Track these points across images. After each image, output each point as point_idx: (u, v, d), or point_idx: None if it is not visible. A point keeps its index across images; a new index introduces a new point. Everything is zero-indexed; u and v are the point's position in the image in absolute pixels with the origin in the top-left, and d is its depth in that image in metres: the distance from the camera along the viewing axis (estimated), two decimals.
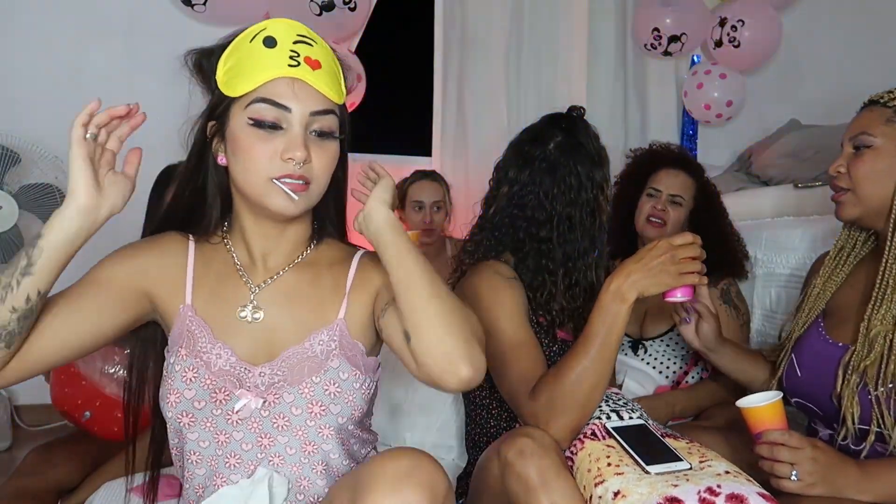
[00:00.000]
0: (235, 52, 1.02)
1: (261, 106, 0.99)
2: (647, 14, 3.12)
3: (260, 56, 0.99)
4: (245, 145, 1.00)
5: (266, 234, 1.09)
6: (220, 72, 1.03)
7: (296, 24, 1.03)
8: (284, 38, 1.00)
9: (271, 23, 1.02)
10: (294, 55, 1.00)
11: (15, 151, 2.49)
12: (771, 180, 2.80)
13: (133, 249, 1.11)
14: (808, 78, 3.46)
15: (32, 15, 2.73)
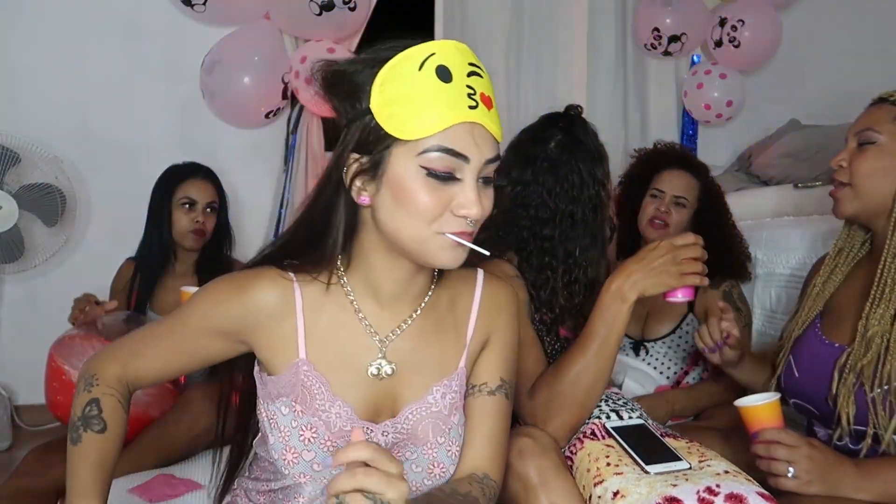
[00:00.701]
0: (398, 78, 0.87)
1: (438, 156, 0.86)
2: (647, 14, 3.12)
3: (435, 93, 0.86)
4: (413, 196, 0.87)
5: (399, 277, 0.97)
6: (377, 99, 0.88)
7: (463, 47, 0.90)
8: (459, 70, 0.88)
9: (439, 47, 0.88)
10: (471, 93, 0.87)
11: (15, 151, 2.49)
12: (771, 180, 2.81)
13: (233, 294, 0.98)
14: (808, 78, 3.46)
15: (32, 15, 2.73)
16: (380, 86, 0.87)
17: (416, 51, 0.87)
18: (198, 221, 2.18)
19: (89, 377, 1.04)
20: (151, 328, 1.05)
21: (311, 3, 2.57)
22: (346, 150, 0.91)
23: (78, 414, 1.03)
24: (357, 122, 0.90)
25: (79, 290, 2.53)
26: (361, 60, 0.90)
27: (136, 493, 1.62)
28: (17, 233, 2.51)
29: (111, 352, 1.05)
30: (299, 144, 2.88)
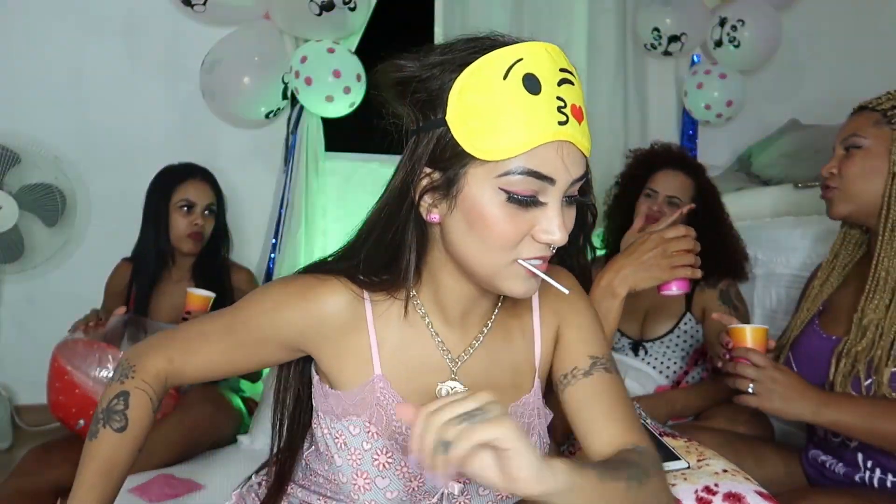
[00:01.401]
0: (479, 87, 0.77)
1: (521, 178, 0.77)
2: (647, 14, 3.12)
3: (521, 107, 0.76)
4: (491, 220, 0.78)
5: (468, 296, 0.90)
6: (455, 110, 0.78)
7: (554, 49, 0.81)
8: (549, 78, 0.77)
9: (528, 51, 0.78)
10: (562, 105, 0.77)
11: (15, 151, 2.49)
12: (771, 180, 2.80)
13: (296, 300, 0.90)
14: (808, 78, 3.45)
15: (32, 15, 2.74)
16: (458, 94, 0.78)
17: (501, 55, 0.77)
18: (196, 224, 2.16)
19: (127, 367, 0.99)
20: (203, 325, 0.98)
21: (311, 3, 2.57)
22: (418, 163, 0.82)
23: (103, 405, 0.97)
24: (430, 133, 0.81)
25: (79, 290, 2.54)
26: (437, 63, 0.80)
27: (136, 493, 1.62)
28: (17, 233, 2.51)
29: (157, 344, 1.00)
30: (299, 144, 2.88)
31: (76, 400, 1.84)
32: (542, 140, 0.76)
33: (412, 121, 0.84)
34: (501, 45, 0.78)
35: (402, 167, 0.86)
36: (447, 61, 0.80)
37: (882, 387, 1.23)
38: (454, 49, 0.81)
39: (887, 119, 1.34)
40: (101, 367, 1.85)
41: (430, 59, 0.81)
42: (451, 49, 0.81)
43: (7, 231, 2.49)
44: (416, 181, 0.83)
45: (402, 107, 0.84)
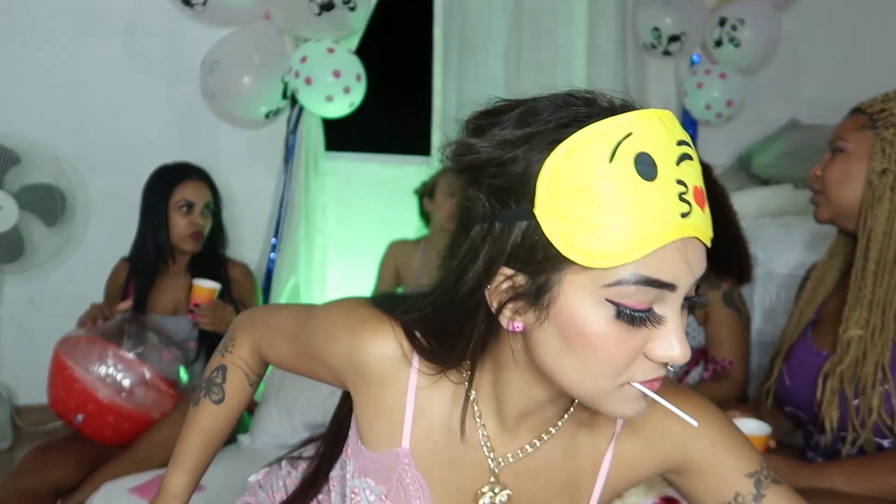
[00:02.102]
0: (578, 172, 0.60)
1: (636, 289, 0.61)
2: (647, 14, 3.12)
3: (634, 197, 0.59)
4: (596, 341, 0.63)
5: (537, 399, 0.75)
6: (546, 201, 0.61)
7: (668, 116, 0.63)
8: (666, 156, 0.61)
9: (638, 122, 0.61)
10: (683, 191, 0.61)
11: (15, 151, 2.49)
12: (771, 180, 2.80)
13: (345, 328, 0.82)
14: (807, 78, 3.45)
15: (32, 15, 2.73)
16: (549, 181, 0.61)
17: (605, 129, 0.60)
18: (196, 224, 2.17)
19: (229, 339, 1.00)
20: (284, 318, 0.95)
21: (311, 3, 2.57)
22: (494, 261, 0.65)
23: (206, 375, 1.00)
24: (511, 226, 0.64)
25: (79, 290, 2.54)
26: (519, 140, 0.63)
27: (136, 493, 1.62)
28: (17, 233, 2.51)
29: (253, 321, 0.99)
30: (299, 144, 2.88)
31: (75, 395, 1.84)
32: (662, 241, 0.60)
33: (485, 206, 0.66)
34: (601, 113, 0.62)
35: (469, 256, 0.67)
36: (533, 136, 0.63)
37: (873, 412, 1.20)
38: (539, 117, 0.63)
39: (872, 123, 1.29)
40: (101, 364, 1.86)
41: (509, 132, 0.64)
42: (534, 116, 0.64)
43: (7, 231, 2.49)
44: (494, 285, 0.66)
45: (476, 191, 0.66)
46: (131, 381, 1.87)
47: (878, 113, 1.29)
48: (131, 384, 1.87)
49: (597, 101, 0.65)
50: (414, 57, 3.21)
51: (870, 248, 1.26)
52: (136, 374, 1.88)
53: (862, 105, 1.34)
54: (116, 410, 1.86)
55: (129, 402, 1.87)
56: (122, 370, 1.87)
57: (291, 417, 1.97)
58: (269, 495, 1.06)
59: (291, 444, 1.86)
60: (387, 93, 3.08)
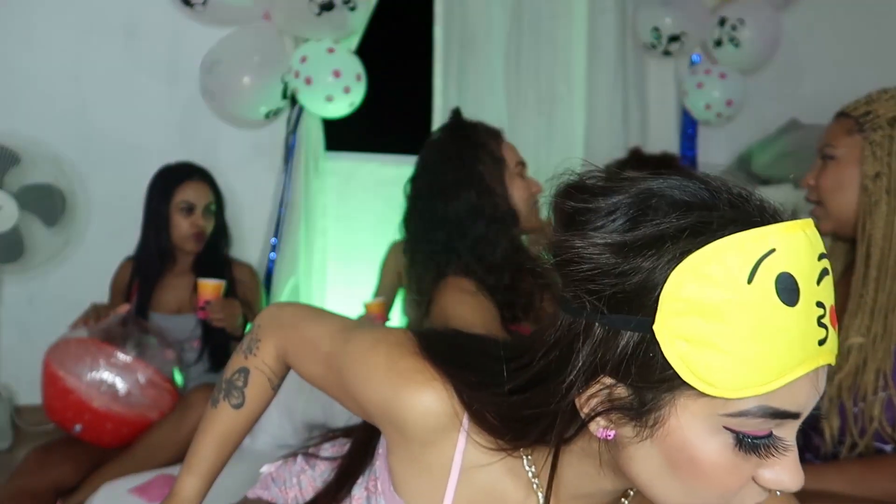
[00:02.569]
0: (707, 288, 0.53)
1: (759, 421, 0.55)
2: (647, 14, 3.12)
3: (772, 325, 0.52)
4: (707, 468, 0.56)
5: (602, 486, 0.68)
6: (669, 317, 0.54)
7: (809, 226, 0.55)
8: (808, 275, 0.54)
9: (781, 235, 0.53)
10: (821, 314, 0.54)
11: (15, 151, 2.49)
12: (771, 180, 2.80)
13: (387, 377, 0.75)
14: (808, 78, 3.45)
15: (32, 15, 2.73)
16: (674, 296, 0.53)
17: (744, 241, 0.53)
18: (197, 225, 2.18)
19: (254, 339, 0.95)
20: (318, 333, 0.88)
21: (311, 3, 2.57)
22: (594, 369, 0.58)
23: (226, 376, 0.96)
24: (619, 334, 0.57)
25: (79, 290, 2.54)
26: (641, 247, 0.55)
27: (136, 493, 1.62)
28: (17, 233, 2.51)
29: (281, 324, 0.94)
30: (299, 144, 2.88)
31: (71, 405, 1.83)
32: (797, 374, 0.53)
33: (587, 304, 0.58)
34: (737, 220, 0.54)
35: (560, 353, 0.61)
36: (656, 240, 0.54)
37: (874, 420, 1.18)
38: (662, 217, 0.55)
39: (859, 126, 1.25)
40: (94, 370, 1.83)
41: (620, 233, 0.56)
42: (654, 213, 0.56)
43: (7, 231, 2.48)
44: (589, 392, 0.59)
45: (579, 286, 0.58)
46: (127, 384, 1.85)
47: (864, 116, 1.26)
48: (127, 387, 1.85)
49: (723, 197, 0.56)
50: (414, 57, 3.21)
51: (870, 254, 1.22)
52: (131, 376, 1.86)
53: (846, 109, 1.31)
54: (114, 417, 1.85)
55: (126, 407, 1.86)
56: (116, 374, 1.84)
57: (292, 417, 1.97)
58: (281, 490, 1.05)
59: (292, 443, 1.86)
60: (387, 93, 3.08)
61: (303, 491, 1.03)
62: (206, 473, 0.96)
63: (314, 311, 0.95)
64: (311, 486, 1.03)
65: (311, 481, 1.03)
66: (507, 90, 3.19)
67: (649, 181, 0.58)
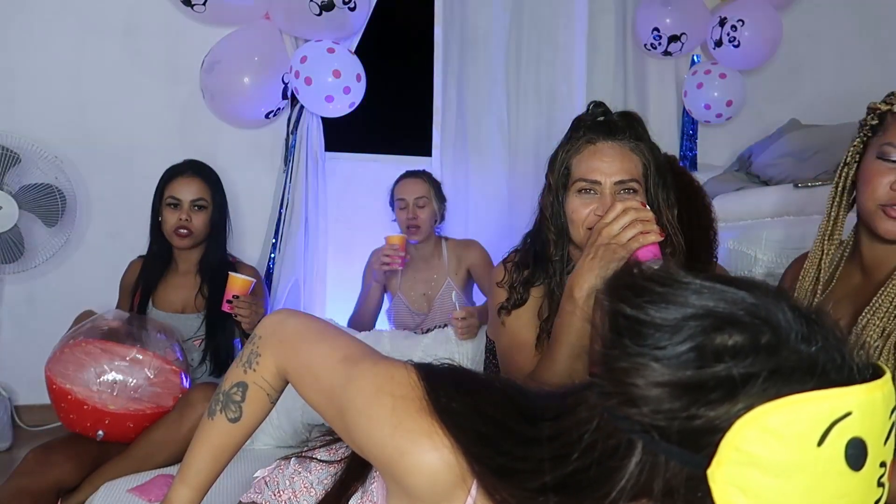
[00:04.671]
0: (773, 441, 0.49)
1: None
2: (647, 14, 3.12)
3: (834, 489, 0.50)
4: None
5: None
6: (726, 463, 0.50)
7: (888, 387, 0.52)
8: (877, 438, 0.51)
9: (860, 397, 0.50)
10: (881, 474, 0.52)
11: (15, 151, 2.49)
12: (771, 180, 2.80)
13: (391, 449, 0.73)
14: (808, 78, 3.46)
15: (32, 15, 2.73)
16: (737, 443, 0.50)
17: (821, 401, 0.49)
18: (181, 219, 2.17)
19: (254, 353, 0.94)
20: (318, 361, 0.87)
21: (311, 3, 2.57)
22: (637, 491, 0.54)
23: (224, 388, 0.96)
24: (670, 465, 0.53)
25: (79, 290, 2.54)
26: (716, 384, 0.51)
27: (136, 493, 1.62)
28: (17, 233, 2.51)
29: (282, 341, 0.92)
30: (299, 144, 2.88)
31: (88, 415, 1.82)
32: None
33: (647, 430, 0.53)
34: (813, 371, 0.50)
35: (596, 455, 0.57)
36: (725, 387, 0.50)
37: None
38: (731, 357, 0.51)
39: None
40: (100, 374, 1.82)
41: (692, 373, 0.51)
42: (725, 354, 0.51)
43: (7, 231, 2.49)
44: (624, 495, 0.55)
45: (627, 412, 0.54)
46: (137, 379, 1.85)
47: None
48: (137, 382, 1.85)
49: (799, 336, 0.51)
50: (414, 57, 3.21)
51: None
52: (139, 370, 1.86)
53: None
54: (133, 415, 1.84)
55: (142, 401, 1.85)
56: (124, 372, 1.84)
57: (291, 417, 1.97)
58: (274, 493, 1.05)
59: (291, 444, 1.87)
60: (387, 93, 3.08)
61: (296, 493, 1.03)
62: (200, 485, 0.96)
63: (317, 329, 0.92)
64: (304, 487, 1.03)
65: (305, 483, 1.03)
66: (507, 90, 3.19)
67: (715, 294, 0.54)
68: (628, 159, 1.29)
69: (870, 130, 1.24)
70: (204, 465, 0.96)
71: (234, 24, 2.74)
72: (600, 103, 1.36)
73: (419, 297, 2.57)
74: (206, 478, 0.96)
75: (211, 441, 0.96)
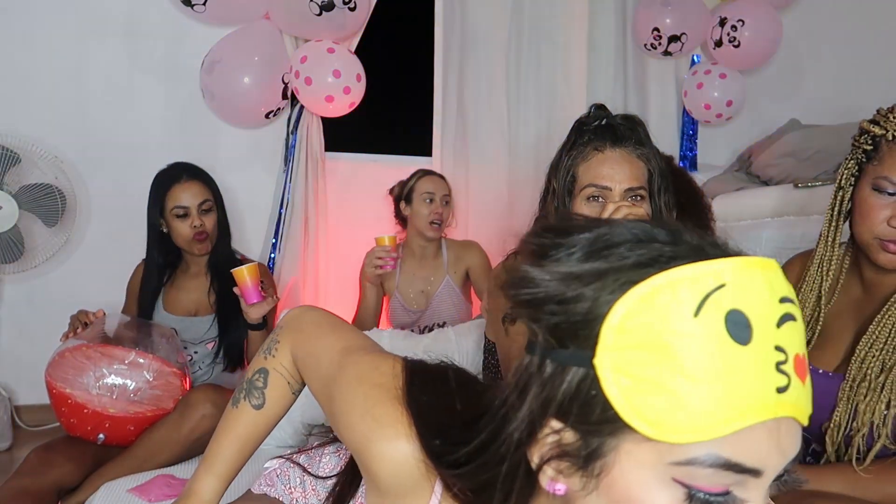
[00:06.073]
0: (652, 320, 0.49)
1: (712, 472, 0.49)
2: (647, 14, 3.12)
3: (721, 364, 0.48)
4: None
5: None
6: (611, 353, 0.51)
7: (771, 266, 0.52)
8: (765, 315, 0.50)
9: (734, 269, 0.50)
10: (782, 360, 0.50)
11: (15, 151, 2.49)
12: (771, 180, 2.80)
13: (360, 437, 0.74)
14: (808, 78, 3.46)
15: (32, 15, 2.73)
16: (617, 328, 0.50)
17: (691, 274, 0.49)
18: (195, 226, 2.15)
19: (274, 339, 0.96)
20: (322, 349, 0.89)
21: (311, 3, 2.57)
22: (542, 410, 0.55)
23: (248, 375, 0.97)
24: (565, 371, 0.53)
25: (79, 290, 2.54)
26: (587, 276, 0.52)
27: (136, 493, 1.62)
28: (17, 233, 2.51)
29: (299, 329, 0.95)
30: (299, 144, 2.88)
31: (89, 419, 1.82)
32: (750, 420, 0.49)
33: (542, 339, 0.55)
34: (690, 254, 0.51)
35: (515, 394, 0.57)
36: (604, 273, 0.52)
37: (881, 438, 1.16)
38: (614, 250, 0.52)
39: None
40: (100, 378, 1.81)
41: (576, 263, 0.53)
42: (608, 248, 0.53)
43: (7, 231, 2.49)
44: (538, 437, 0.56)
45: (532, 324, 0.56)
46: (136, 382, 1.84)
47: None
48: (137, 385, 1.85)
49: (684, 237, 0.53)
50: (414, 57, 3.21)
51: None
52: (138, 373, 1.86)
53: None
54: (133, 418, 1.84)
55: (142, 404, 1.85)
56: (123, 376, 1.84)
57: (292, 417, 1.97)
58: (286, 488, 1.05)
59: (291, 444, 1.87)
60: (387, 93, 3.08)
61: (305, 493, 1.03)
62: (225, 474, 0.96)
63: (332, 322, 0.94)
64: (312, 489, 1.03)
65: (313, 484, 1.03)
66: (507, 90, 3.19)
67: (616, 224, 0.55)
68: (636, 166, 1.30)
69: (863, 154, 1.20)
70: (229, 454, 0.95)
71: (234, 23, 2.74)
72: (602, 106, 1.35)
73: (417, 294, 2.57)
74: (232, 467, 0.96)
75: (237, 430, 0.96)
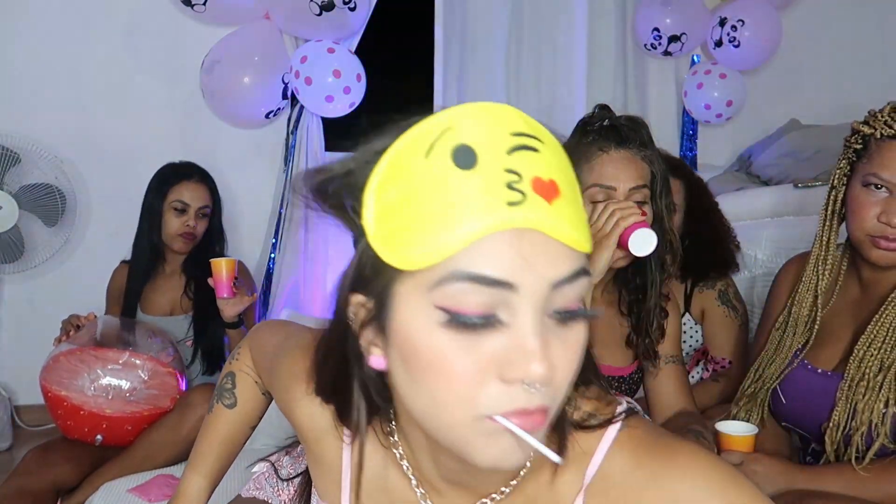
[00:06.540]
0: (400, 175, 0.55)
1: (460, 288, 0.52)
2: (647, 14, 3.12)
3: (448, 187, 0.53)
4: (430, 355, 0.54)
5: (452, 468, 0.66)
6: (373, 211, 0.56)
7: (505, 110, 0.57)
8: (492, 146, 0.54)
9: (459, 116, 0.57)
10: (514, 180, 0.53)
11: (15, 151, 2.49)
12: (771, 180, 2.80)
13: (283, 390, 0.82)
14: (808, 78, 3.45)
15: (33, 14, 2.73)
16: (375, 190, 0.56)
17: (423, 128, 0.56)
18: (188, 225, 2.16)
19: (237, 348, 1.04)
20: (266, 343, 0.97)
21: (311, 3, 2.57)
22: (347, 288, 0.61)
23: (218, 382, 1.04)
24: (357, 247, 0.60)
25: (78, 290, 2.54)
26: (357, 157, 0.59)
27: (136, 493, 1.62)
28: (17, 233, 2.51)
29: (254, 337, 1.02)
30: (299, 144, 2.88)
31: (85, 420, 1.82)
32: (481, 232, 0.51)
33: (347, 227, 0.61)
34: (428, 118, 0.58)
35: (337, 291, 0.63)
36: (364, 151, 0.59)
37: (879, 436, 1.17)
38: (384, 134, 0.59)
39: None
40: (94, 380, 1.81)
41: (351, 154, 0.60)
42: (380, 135, 0.60)
43: (7, 231, 2.49)
44: (355, 314, 0.61)
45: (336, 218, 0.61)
46: (131, 382, 1.85)
47: None
48: (132, 385, 1.85)
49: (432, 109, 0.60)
50: (414, 57, 3.21)
51: None
52: (133, 373, 1.86)
53: None
54: (130, 418, 1.84)
55: (138, 404, 1.85)
56: (118, 376, 1.84)
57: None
58: (275, 490, 1.07)
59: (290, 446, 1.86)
60: (387, 93, 3.08)
61: (291, 495, 1.05)
62: (210, 473, 1.00)
63: (285, 324, 0.99)
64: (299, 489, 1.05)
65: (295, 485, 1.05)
66: (507, 90, 3.18)
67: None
68: (640, 167, 1.32)
69: (854, 154, 1.22)
70: (210, 452, 1.00)
71: (234, 23, 2.74)
72: (606, 106, 1.37)
73: None
74: (216, 466, 1.01)
75: (216, 430, 1.01)
